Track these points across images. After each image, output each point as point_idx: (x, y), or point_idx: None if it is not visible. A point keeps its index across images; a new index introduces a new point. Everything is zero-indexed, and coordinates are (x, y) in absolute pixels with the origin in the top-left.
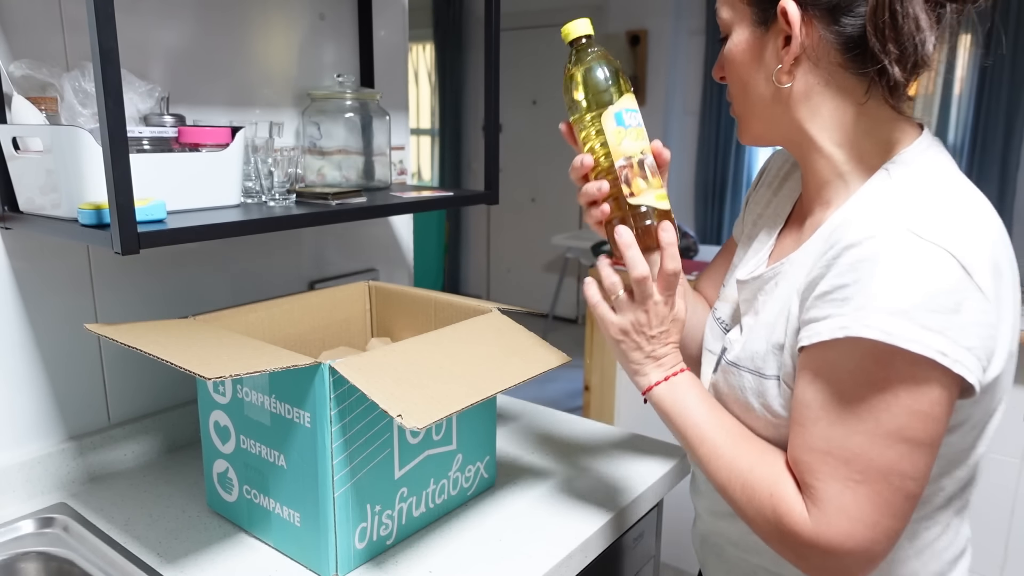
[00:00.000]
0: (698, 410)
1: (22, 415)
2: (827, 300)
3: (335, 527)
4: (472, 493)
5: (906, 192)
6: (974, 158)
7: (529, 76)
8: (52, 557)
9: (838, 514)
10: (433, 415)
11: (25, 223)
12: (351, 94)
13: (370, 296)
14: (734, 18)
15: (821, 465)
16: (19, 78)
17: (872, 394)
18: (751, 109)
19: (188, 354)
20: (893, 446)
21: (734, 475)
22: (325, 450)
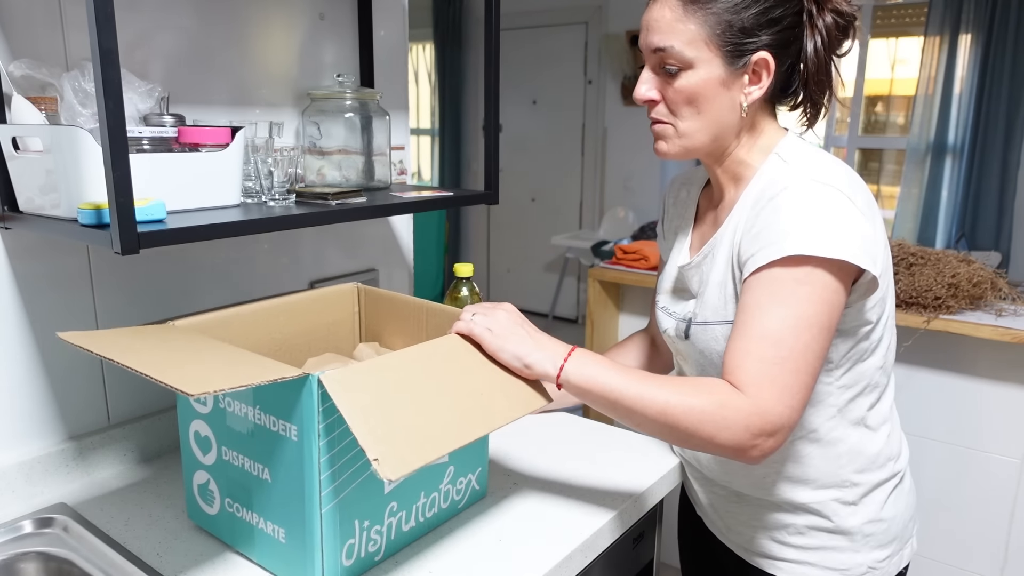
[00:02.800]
0: (610, 370)
1: (22, 415)
2: (758, 238)
3: (322, 544)
4: (463, 506)
5: (800, 161)
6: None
7: (529, 76)
8: (52, 557)
9: (769, 385)
10: (409, 463)
11: (25, 223)
12: (351, 94)
13: (359, 299)
14: (699, 58)
15: (756, 348)
16: (19, 78)
17: (794, 290)
18: (705, 130)
19: (167, 366)
20: (808, 330)
21: (670, 403)
22: (312, 464)
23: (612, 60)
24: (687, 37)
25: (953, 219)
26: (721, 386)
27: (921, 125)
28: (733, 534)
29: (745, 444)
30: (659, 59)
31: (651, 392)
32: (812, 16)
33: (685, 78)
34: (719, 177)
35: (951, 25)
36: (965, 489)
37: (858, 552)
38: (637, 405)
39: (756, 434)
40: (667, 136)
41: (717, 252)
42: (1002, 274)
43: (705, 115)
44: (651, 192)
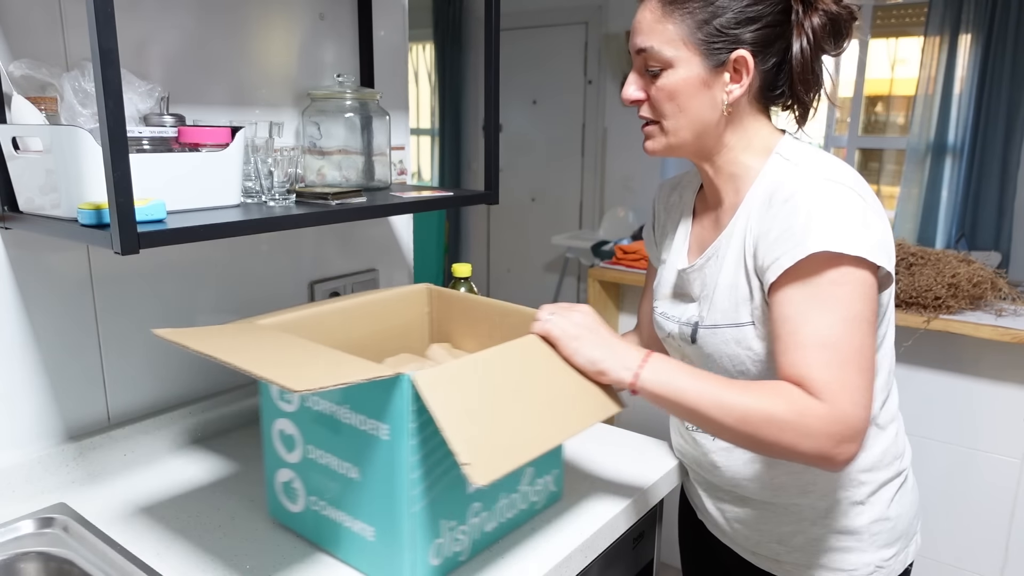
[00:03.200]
0: (687, 376)
1: (22, 415)
2: (780, 240)
3: (411, 543)
4: (541, 507)
5: (806, 161)
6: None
7: (529, 76)
8: (52, 557)
9: (841, 390)
10: (498, 469)
11: (25, 223)
12: (351, 94)
13: (430, 300)
14: (678, 57)
15: (817, 356)
16: (19, 78)
17: (834, 292)
18: (688, 128)
19: (266, 363)
20: (859, 327)
21: (750, 410)
22: (403, 464)
23: (612, 60)
24: (666, 37)
25: (953, 219)
26: (797, 393)
27: (921, 125)
28: (740, 536)
29: (829, 452)
30: (642, 60)
31: (729, 399)
32: (799, 16)
33: (666, 77)
34: (714, 179)
35: (951, 25)
36: (965, 489)
37: (865, 552)
38: (715, 413)
39: (839, 441)
40: (653, 135)
41: (725, 254)
42: (1002, 274)
43: (687, 113)
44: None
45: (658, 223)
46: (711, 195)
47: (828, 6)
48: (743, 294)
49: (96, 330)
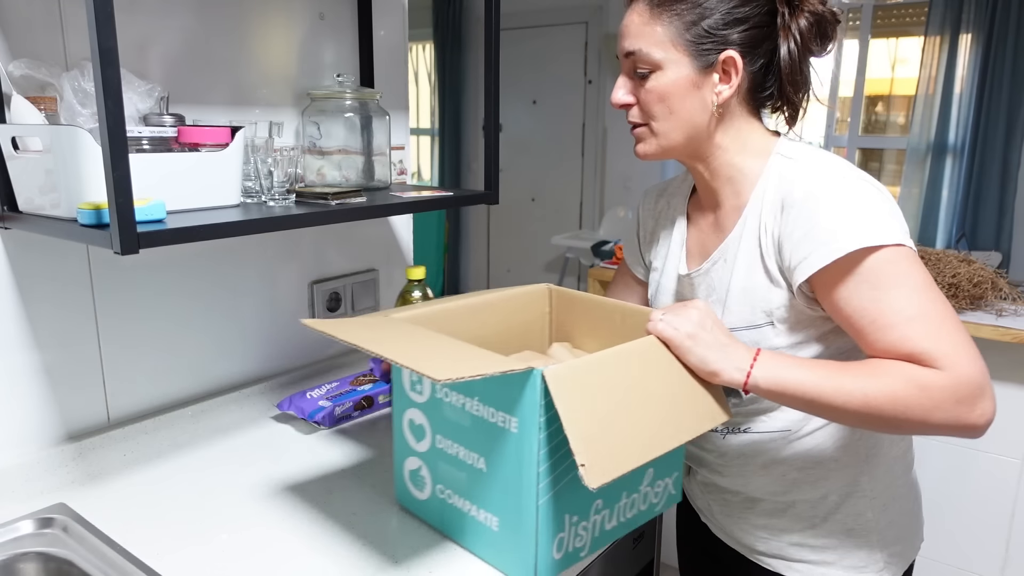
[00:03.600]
0: (800, 369)
1: (22, 415)
2: (806, 239)
3: (536, 535)
4: (660, 508)
5: (812, 160)
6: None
7: (529, 76)
8: (51, 557)
9: (953, 353)
10: (610, 472)
11: (24, 223)
12: (351, 94)
13: (551, 300)
14: (667, 59)
15: (913, 330)
16: (18, 78)
17: (892, 269)
18: (679, 130)
19: (407, 354)
20: (931, 290)
21: (871, 394)
22: (531, 457)
23: (612, 60)
24: (654, 39)
25: (953, 219)
26: (912, 367)
27: (921, 125)
28: (748, 538)
29: (966, 418)
30: (631, 63)
31: (848, 385)
32: (785, 18)
33: (655, 79)
34: (711, 182)
35: (951, 25)
36: (965, 489)
37: (873, 548)
38: (837, 401)
39: (971, 403)
40: (644, 137)
41: (735, 258)
42: (1002, 274)
43: (677, 115)
44: None
45: (644, 230)
46: (707, 199)
47: (814, 7)
48: (760, 296)
49: (96, 330)
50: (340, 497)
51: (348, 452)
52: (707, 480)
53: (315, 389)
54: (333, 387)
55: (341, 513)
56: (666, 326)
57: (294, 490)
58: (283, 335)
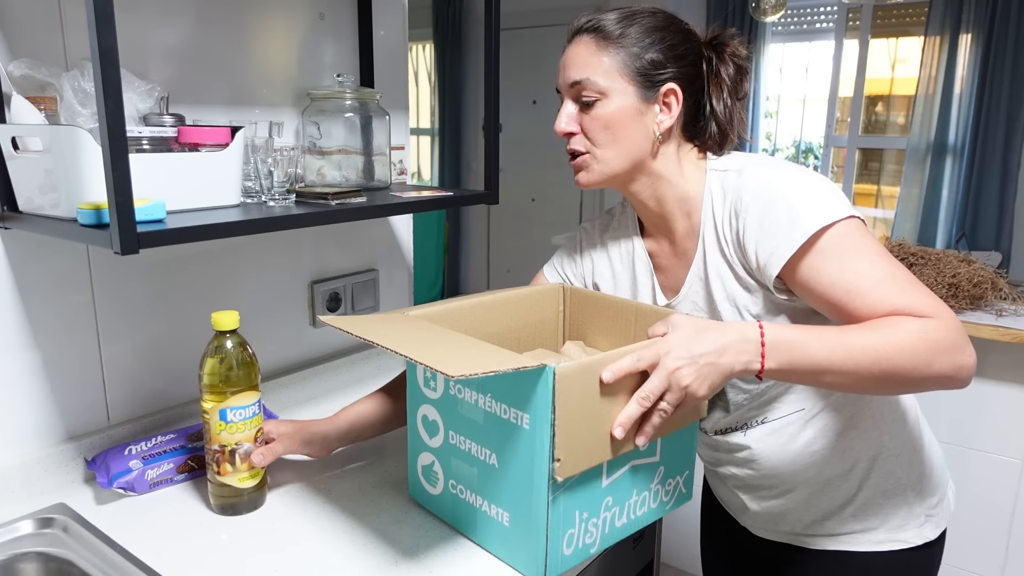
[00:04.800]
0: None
1: (22, 415)
2: (768, 236)
3: (547, 530)
4: (671, 507)
5: (745, 165)
6: (974, 158)
7: (529, 76)
8: (51, 557)
9: (933, 302)
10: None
11: (24, 223)
12: (351, 94)
13: (564, 299)
14: (613, 88)
15: (888, 288)
16: (18, 78)
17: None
18: (621, 157)
19: (421, 350)
20: (892, 259)
21: (879, 348)
22: (544, 453)
23: None
24: (602, 69)
25: (953, 219)
26: (907, 319)
27: (921, 125)
28: (789, 525)
29: (960, 361)
30: (576, 92)
31: (858, 344)
32: (712, 64)
33: (601, 107)
34: (656, 210)
35: (951, 25)
36: (965, 489)
37: (912, 504)
38: (847, 364)
39: (962, 346)
40: (586, 165)
41: (707, 276)
42: (1002, 274)
43: (621, 142)
44: None
45: (589, 261)
46: (657, 227)
47: (737, 51)
48: (743, 301)
49: (96, 330)
50: (353, 493)
51: (361, 447)
52: (739, 482)
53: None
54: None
55: (354, 509)
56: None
57: (298, 488)
58: (283, 335)
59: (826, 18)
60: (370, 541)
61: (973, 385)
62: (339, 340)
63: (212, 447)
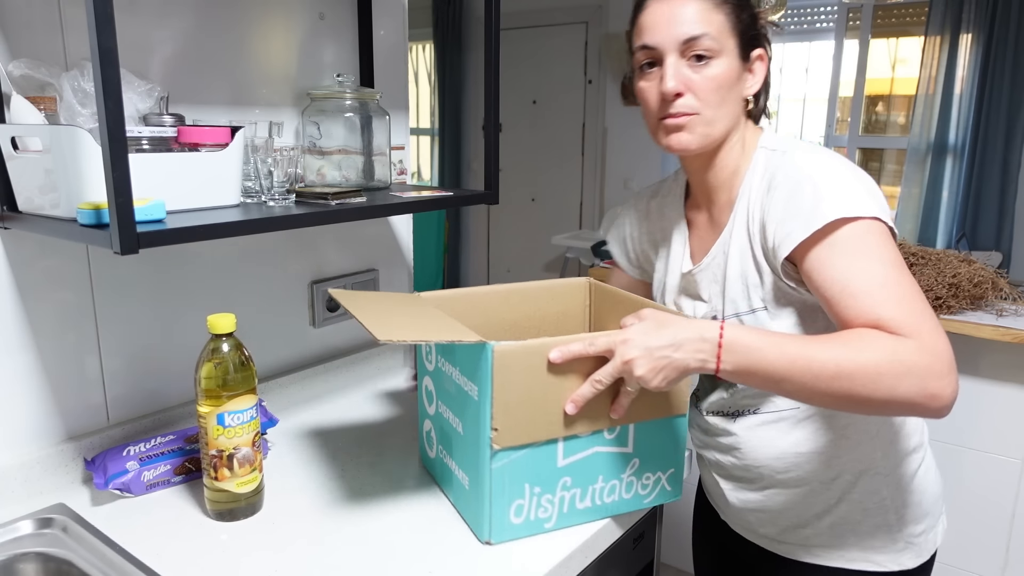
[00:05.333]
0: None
1: (21, 415)
2: (789, 218)
3: (490, 496)
4: (650, 501)
5: (795, 147)
6: (974, 158)
7: (529, 76)
8: (51, 558)
9: (921, 324)
10: (518, 439)
11: (24, 223)
12: (351, 94)
13: (590, 293)
14: (724, 47)
15: (882, 296)
16: (18, 78)
17: (865, 240)
18: (724, 119)
19: (381, 319)
20: (901, 267)
21: (841, 362)
22: (486, 423)
23: (612, 60)
24: (717, 27)
25: (954, 219)
26: (879, 334)
27: (921, 125)
28: (764, 526)
29: (932, 389)
30: (689, 48)
31: (819, 356)
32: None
33: (716, 66)
34: (709, 178)
35: (951, 25)
36: (965, 489)
37: (892, 527)
38: (807, 377)
39: (938, 374)
40: (692, 126)
41: (729, 250)
42: (1003, 274)
43: (726, 104)
44: None
45: (634, 230)
46: (702, 197)
47: (775, 23)
48: (753, 281)
49: (96, 330)
50: (353, 493)
51: (361, 447)
52: (721, 469)
53: None
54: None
55: (353, 509)
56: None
57: (297, 489)
58: (284, 335)
59: (826, 18)
60: (370, 541)
61: (973, 385)
62: (339, 340)
63: (209, 452)
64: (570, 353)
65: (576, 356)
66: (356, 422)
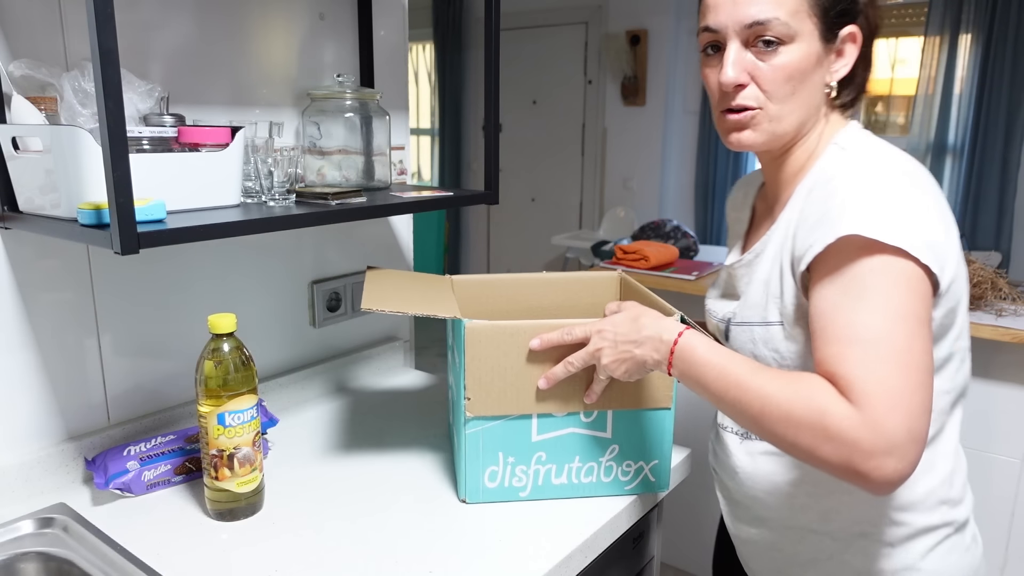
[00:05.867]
0: (705, 368)
1: (22, 415)
2: (816, 227)
3: (465, 459)
4: (632, 489)
5: (859, 147)
6: (974, 158)
7: (529, 76)
8: (51, 557)
9: (876, 391)
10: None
11: (25, 223)
12: (351, 94)
13: (620, 287)
14: (799, 30)
15: (850, 351)
16: (19, 78)
17: (873, 279)
18: (796, 113)
19: (383, 294)
20: (904, 322)
21: (768, 401)
22: (460, 392)
23: (612, 60)
24: (791, 7)
25: None
26: (823, 388)
27: (921, 125)
28: (754, 561)
29: (858, 465)
30: (754, 34)
31: (754, 389)
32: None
33: (787, 53)
34: (778, 174)
35: (951, 25)
36: None
37: None
38: (736, 407)
39: (870, 453)
40: (756, 123)
41: (766, 250)
42: (1002, 274)
43: (799, 95)
44: (651, 192)
45: (729, 219)
46: (771, 190)
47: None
48: (774, 290)
49: (96, 330)
50: (352, 493)
51: (360, 446)
52: (726, 491)
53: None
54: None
55: (353, 509)
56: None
57: (297, 489)
58: (284, 335)
59: None
60: (370, 541)
61: (973, 385)
62: (339, 340)
63: (210, 451)
64: (549, 341)
65: (555, 344)
66: (356, 422)
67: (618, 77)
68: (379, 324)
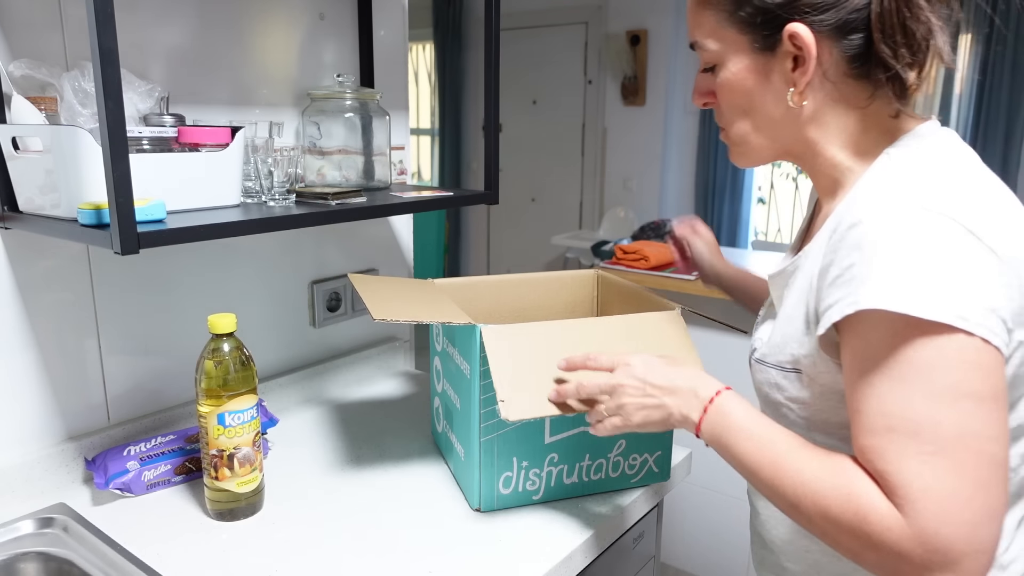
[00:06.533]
0: (740, 438)
1: (22, 415)
2: (839, 282)
3: (480, 467)
4: (637, 482)
5: (905, 167)
6: None
7: (529, 76)
8: (52, 557)
9: (924, 496)
10: (529, 413)
11: (25, 223)
12: (351, 94)
13: (597, 285)
14: (725, 49)
15: (888, 445)
16: (19, 78)
17: (911, 354)
18: (757, 131)
19: (385, 301)
20: (955, 404)
21: (804, 490)
22: (475, 399)
23: (612, 60)
24: (707, 27)
25: None
26: (861, 485)
27: None
28: None
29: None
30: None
31: (791, 473)
32: None
33: (723, 73)
34: (817, 186)
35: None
36: None
37: None
38: (768, 486)
39: (920, 566)
40: (730, 142)
41: (797, 275)
42: None
43: (753, 115)
44: (651, 192)
45: None
46: (820, 200)
47: None
48: (796, 332)
49: (96, 330)
50: (352, 493)
51: (360, 445)
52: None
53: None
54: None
55: (353, 509)
56: (609, 424)
57: (296, 489)
58: (284, 335)
59: None
60: (370, 540)
61: None
62: (339, 340)
63: (210, 451)
64: (573, 364)
65: (578, 368)
66: (356, 422)
67: (618, 77)
68: (378, 324)
